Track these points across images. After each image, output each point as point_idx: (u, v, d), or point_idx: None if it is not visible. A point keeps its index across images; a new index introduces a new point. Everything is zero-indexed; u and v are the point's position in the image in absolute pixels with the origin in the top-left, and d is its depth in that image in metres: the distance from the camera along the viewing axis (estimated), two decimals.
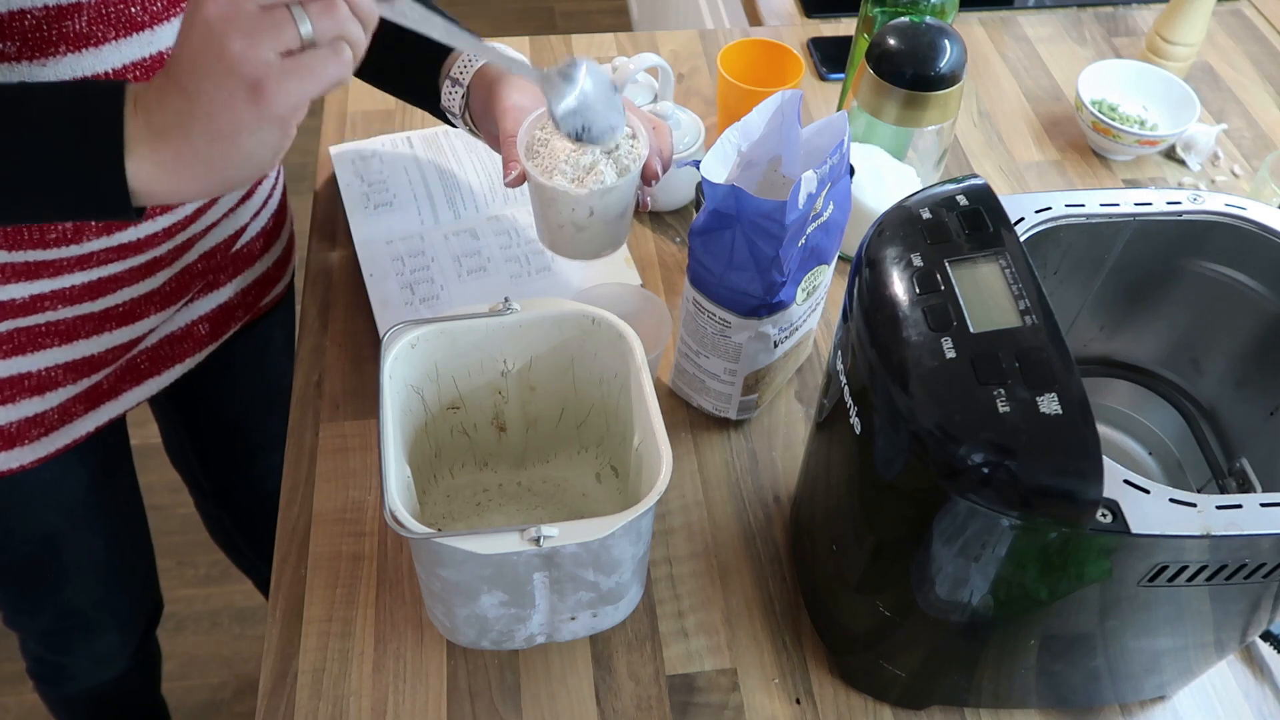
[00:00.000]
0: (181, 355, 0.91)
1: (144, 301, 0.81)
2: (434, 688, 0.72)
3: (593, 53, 1.23)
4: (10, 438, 0.81)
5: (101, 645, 1.10)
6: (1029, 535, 0.54)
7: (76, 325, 0.78)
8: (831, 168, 0.73)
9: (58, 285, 0.75)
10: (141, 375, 0.88)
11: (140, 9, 0.67)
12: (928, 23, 0.92)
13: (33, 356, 0.78)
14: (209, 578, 1.72)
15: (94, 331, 0.80)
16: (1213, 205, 0.67)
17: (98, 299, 0.78)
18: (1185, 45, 1.18)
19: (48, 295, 0.75)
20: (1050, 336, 0.55)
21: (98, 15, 0.65)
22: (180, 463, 1.21)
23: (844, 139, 0.73)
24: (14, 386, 0.79)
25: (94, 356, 0.81)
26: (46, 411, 0.82)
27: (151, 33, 0.69)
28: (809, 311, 0.83)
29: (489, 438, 0.80)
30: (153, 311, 0.83)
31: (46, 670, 1.12)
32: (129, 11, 0.67)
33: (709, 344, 0.81)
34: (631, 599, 0.70)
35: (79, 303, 0.77)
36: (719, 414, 0.86)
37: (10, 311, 0.74)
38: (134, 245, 0.78)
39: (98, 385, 0.85)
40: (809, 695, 0.73)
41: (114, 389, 0.87)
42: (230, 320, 0.95)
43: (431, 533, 0.60)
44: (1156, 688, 0.72)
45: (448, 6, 0.80)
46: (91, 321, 0.79)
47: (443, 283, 0.93)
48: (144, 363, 0.88)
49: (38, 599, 1.01)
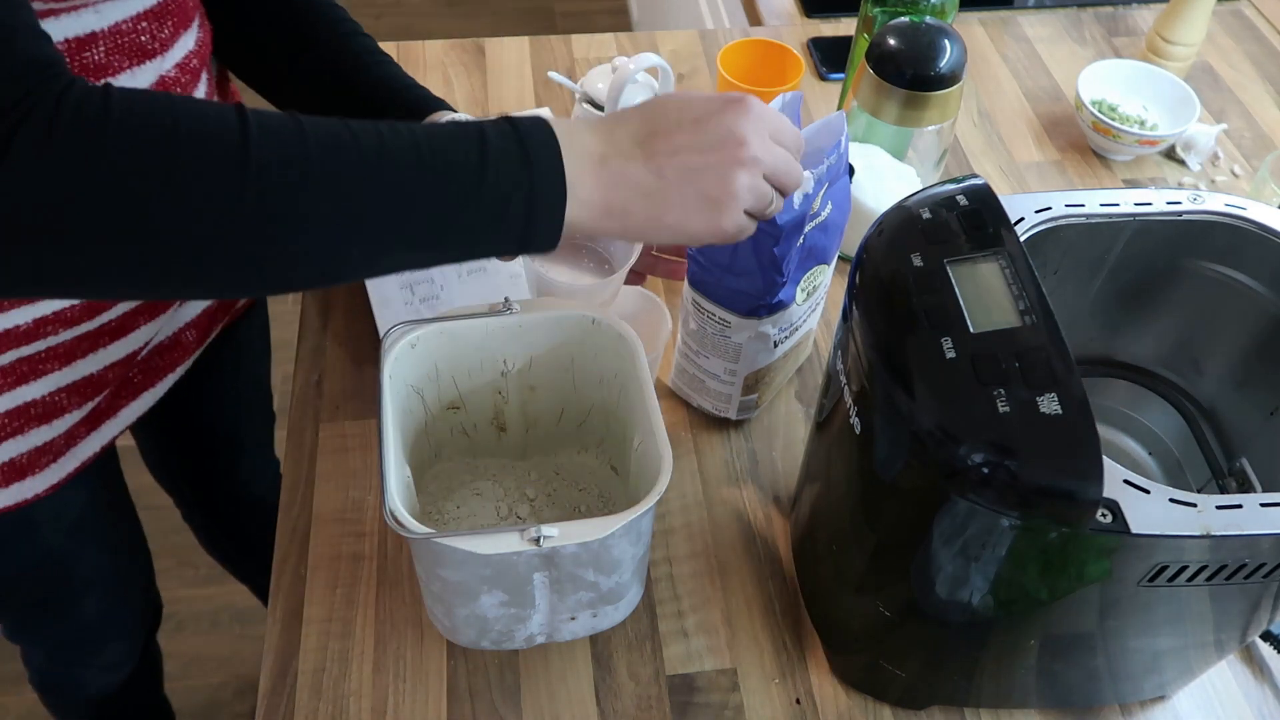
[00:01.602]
0: (172, 365, 0.91)
1: (134, 314, 0.81)
2: (434, 688, 0.72)
3: (593, 53, 1.23)
4: (21, 469, 0.81)
5: (110, 653, 1.10)
6: (1029, 535, 0.54)
7: (74, 346, 0.78)
8: (829, 168, 0.72)
9: (59, 306, 0.74)
10: (136, 390, 0.88)
11: (150, 37, 0.68)
12: (928, 23, 0.92)
13: (36, 384, 0.77)
14: (209, 578, 1.72)
15: (90, 350, 0.79)
16: (1213, 205, 0.67)
17: (94, 317, 0.78)
18: (1185, 45, 1.18)
19: (49, 319, 0.75)
20: (1050, 336, 0.55)
21: (113, 45, 0.66)
22: (162, 475, 1.20)
23: (841, 139, 0.73)
24: (22, 417, 0.78)
25: (94, 376, 0.81)
26: (54, 439, 0.82)
27: (160, 60, 0.70)
28: (809, 311, 0.83)
29: (489, 438, 0.80)
30: (143, 323, 0.82)
31: (53, 681, 1.12)
32: (139, 40, 0.68)
33: (709, 344, 0.81)
34: (631, 599, 0.70)
35: (78, 324, 0.77)
36: (719, 414, 0.86)
37: (14, 340, 0.74)
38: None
39: (98, 406, 0.84)
40: (809, 695, 0.73)
41: (112, 407, 0.86)
42: (213, 324, 0.94)
43: (431, 533, 0.60)
44: (1156, 688, 0.72)
45: (448, 5, 0.80)
46: (88, 340, 0.79)
47: (443, 283, 0.93)
48: (137, 377, 0.87)
49: (48, 619, 1.01)
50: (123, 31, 0.66)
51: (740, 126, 0.60)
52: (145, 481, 1.31)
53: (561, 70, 1.20)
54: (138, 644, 1.12)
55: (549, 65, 1.20)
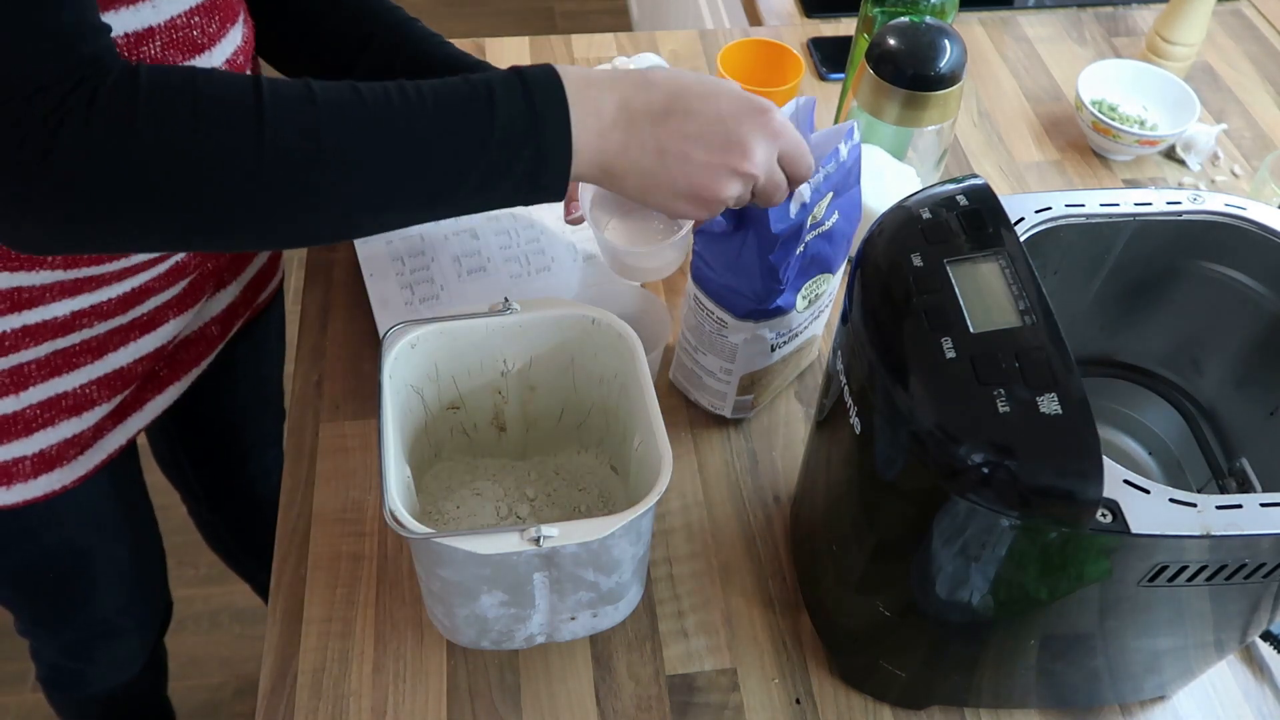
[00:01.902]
0: (197, 359, 0.91)
1: (165, 308, 0.82)
2: (434, 688, 0.72)
3: (593, 53, 1.23)
4: (50, 460, 0.81)
5: (122, 650, 1.10)
6: (1029, 535, 0.54)
7: (107, 339, 0.79)
8: (828, 176, 0.72)
9: (96, 299, 0.75)
10: (162, 384, 0.88)
11: (200, 32, 0.69)
12: (928, 23, 0.92)
13: (68, 376, 0.78)
14: (209, 578, 1.72)
15: (121, 343, 0.80)
16: (1213, 205, 0.67)
17: (128, 311, 0.78)
18: (1185, 45, 1.18)
19: (87, 311, 0.75)
20: (1050, 336, 0.55)
21: (169, 40, 0.67)
22: (172, 470, 1.20)
23: (841, 147, 0.72)
24: (53, 408, 0.79)
25: (124, 369, 0.82)
26: (83, 431, 0.82)
27: (209, 54, 0.70)
28: (811, 318, 0.83)
29: (489, 438, 0.80)
30: (172, 316, 0.83)
31: (62, 677, 1.12)
32: (191, 35, 0.68)
33: (706, 341, 0.81)
34: (631, 599, 0.70)
35: (112, 317, 0.77)
36: (715, 411, 0.86)
37: (51, 331, 0.74)
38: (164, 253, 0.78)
39: (125, 399, 0.85)
40: (809, 695, 0.73)
41: (138, 400, 0.87)
42: (234, 319, 0.95)
43: (431, 533, 0.60)
44: (1156, 688, 0.72)
45: (448, 6, 0.80)
46: (120, 333, 0.79)
47: (443, 283, 0.93)
48: (164, 371, 0.88)
49: (65, 612, 1.01)
50: (177, 26, 0.67)
51: (753, 138, 0.62)
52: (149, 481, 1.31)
53: None
54: (149, 643, 1.13)
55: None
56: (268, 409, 1.17)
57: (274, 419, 1.19)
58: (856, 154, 0.75)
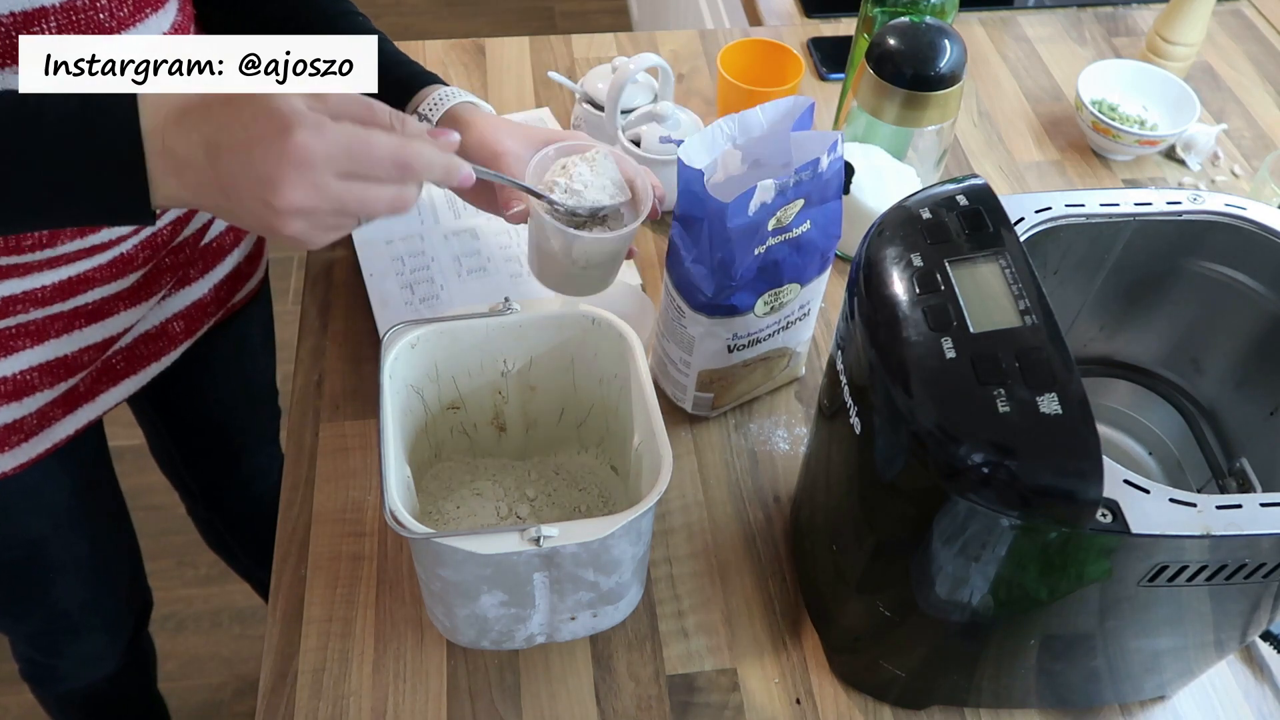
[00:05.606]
0: (157, 354, 0.91)
1: (114, 300, 0.81)
2: (434, 688, 0.72)
3: (593, 53, 1.23)
4: None
5: (89, 646, 1.09)
6: (1029, 535, 0.54)
7: (46, 325, 0.78)
8: (799, 183, 0.70)
9: (28, 286, 0.75)
10: (118, 376, 0.88)
11: (108, 15, 0.67)
12: (928, 23, 0.92)
13: (6, 361, 0.78)
14: (209, 578, 1.72)
15: (64, 330, 0.79)
16: (1213, 205, 0.67)
17: (68, 299, 0.78)
18: (1185, 45, 1.18)
19: (19, 297, 0.75)
20: (1050, 336, 0.55)
21: (66, 21, 0.64)
22: (167, 467, 1.20)
23: (822, 158, 0.70)
24: None
25: (67, 357, 0.81)
26: (25, 417, 0.82)
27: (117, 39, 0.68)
28: (776, 327, 0.81)
29: (489, 438, 0.80)
30: (122, 308, 0.82)
31: (37, 671, 1.12)
32: (97, 18, 0.66)
33: (669, 328, 0.81)
34: (631, 599, 0.70)
35: (50, 304, 0.77)
36: (677, 403, 0.86)
37: None
38: (104, 244, 0.77)
39: (74, 388, 0.84)
40: (809, 695, 0.73)
41: (90, 391, 0.86)
42: (204, 317, 0.94)
43: (431, 533, 0.60)
44: (1156, 688, 0.72)
45: (448, 5, 0.80)
46: (61, 320, 0.79)
47: (443, 283, 0.93)
48: (119, 363, 0.87)
49: (24, 603, 1.00)
50: (78, 8, 0.64)
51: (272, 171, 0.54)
52: (146, 481, 1.31)
53: (561, 70, 1.20)
54: (121, 638, 1.12)
55: (549, 65, 1.20)
56: (257, 408, 1.16)
57: (267, 418, 1.19)
58: (838, 167, 0.73)
